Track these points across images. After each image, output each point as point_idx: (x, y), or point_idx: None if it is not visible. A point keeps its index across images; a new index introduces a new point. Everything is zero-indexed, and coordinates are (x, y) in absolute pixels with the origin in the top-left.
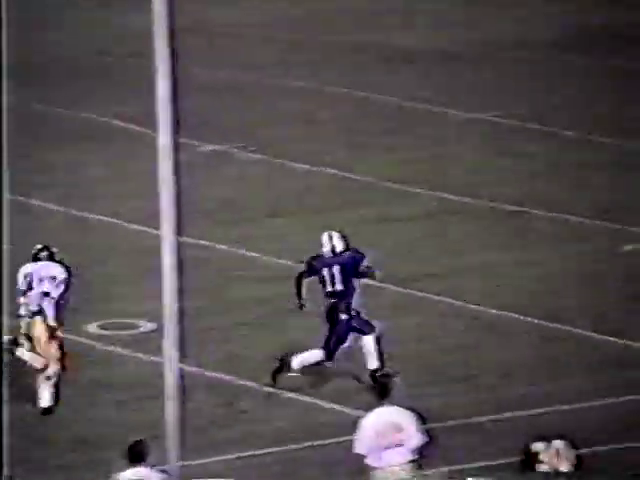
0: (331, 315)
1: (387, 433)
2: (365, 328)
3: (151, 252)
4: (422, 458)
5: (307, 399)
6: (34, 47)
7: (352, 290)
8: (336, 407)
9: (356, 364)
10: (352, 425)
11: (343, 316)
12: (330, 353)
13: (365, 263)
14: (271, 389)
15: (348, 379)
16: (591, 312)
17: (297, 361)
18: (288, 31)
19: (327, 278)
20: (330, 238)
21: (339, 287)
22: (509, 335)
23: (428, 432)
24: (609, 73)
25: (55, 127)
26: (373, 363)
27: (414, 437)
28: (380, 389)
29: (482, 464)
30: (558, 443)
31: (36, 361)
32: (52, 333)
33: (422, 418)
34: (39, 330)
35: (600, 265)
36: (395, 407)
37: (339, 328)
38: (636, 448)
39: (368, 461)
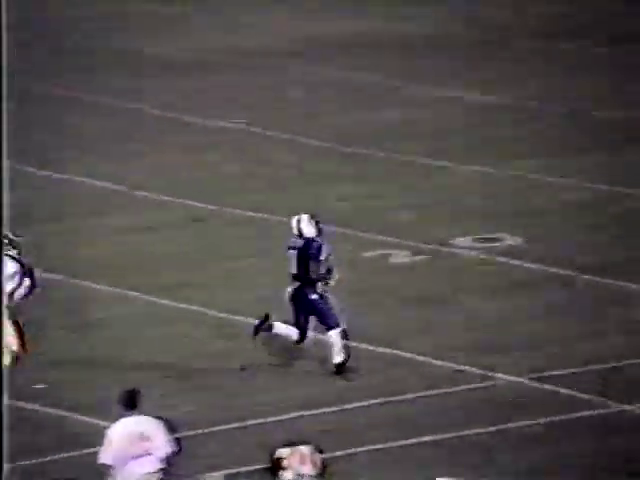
0: (296, 297)
1: (134, 442)
2: (330, 321)
3: None
4: (170, 467)
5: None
6: None
7: (306, 273)
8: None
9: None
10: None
11: (314, 295)
12: (301, 336)
13: (325, 253)
14: None
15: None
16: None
17: (279, 327)
18: None
19: (292, 259)
20: (298, 222)
21: (293, 270)
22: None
23: (178, 440)
24: None
25: None
26: (338, 356)
27: (162, 446)
28: (127, 400)
29: (230, 471)
30: (303, 448)
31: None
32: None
33: (172, 427)
34: None
35: None
36: (143, 416)
37: (307, 309)
38: None
39: (115, 471)
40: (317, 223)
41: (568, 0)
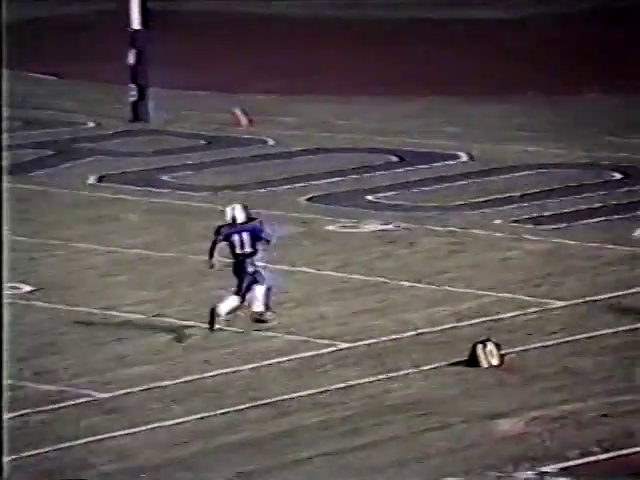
0: (238, 270)
1: None
2: (260, 279)
3: None
4: None
5: None
6: None
7: (257, 251)
8: None
9: None
10: None
11: (250, 269)
12: (243, 298)
13: (266, 230)
14: None
15: None
16: None
17: (223, 308)
18: None
19: (237, 243)
20: (233, 209)
21: (248, 249)
22: None
23: None
24: None
25: None
26: (259, 307)
27: None
28: None
29: None
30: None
31: None
32: None
33: None
34: None
35: None
36: None
37: (248, 278)
38: None
39: None
40: (246, 209)
41: None
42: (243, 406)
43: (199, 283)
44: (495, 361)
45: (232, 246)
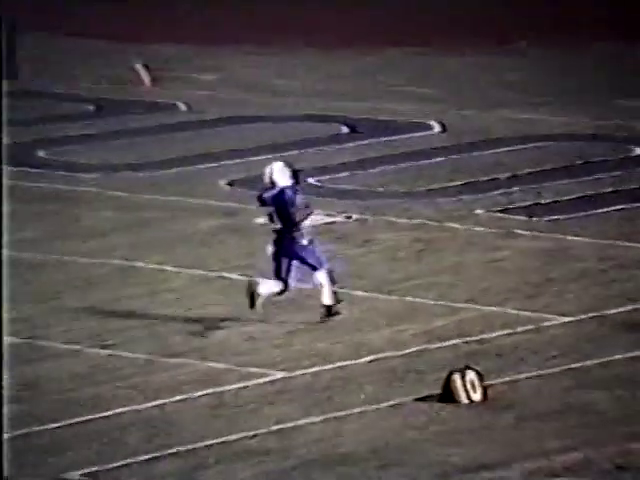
0: (279, 246)
1: None
2: (316, 263)
3: None
4: None
5: None
6: None
7: (294, 222)
8: None
9: None
10: None
11: (304, 241)
12: (285, 283)
13: (299, 200)
14: None
15: None
16: None
17: (264, 287)
18: None
19: (272, 213)
20: (271, 170)
21: (278, 225)
22: None
23: None
24: None
25: None
26: (328, 299)
27: None
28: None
29: None
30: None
31: None
32: None
33: None
34: None
35: None
36: None
37: (294, 255)
38: None
39: None
40: (291, 169)
41: None
42: (146, 456)
43: (88, 292)
44: (477, 395)
45: (270, 217)
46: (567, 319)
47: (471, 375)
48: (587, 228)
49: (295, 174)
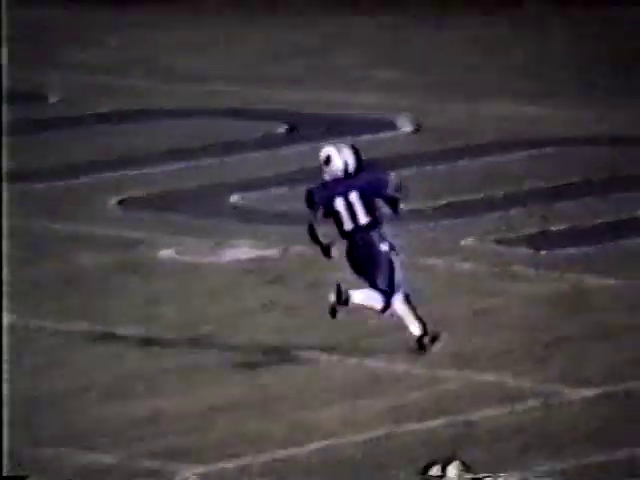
0: (355, 255)
1: None
2: (390, 282)
3: None
4: None
5: None
6: None
7: (380, 220)
8: None
9: None
10: None
11: (383, 247)
12: (387, 301)
13: (392, 184)
14: None
15: None
16: None
17: (358, 297)
18: None
19: (343, 211)
20: (332, 153)
21: (363, 220)
22: None
23: None
24: None
25: None
26: (415, 328)
27: None
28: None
29: None
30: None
31: None
32: None
33: None
34: None
35: None
36: None
37: (382, 263)
38: None
39: None
40: (357, 152)
41: None
42: None
43: None
44: None
45: (337, 219)
46: (586, 392)
47: (454, 470)
48: (613, 266)
49: (360, 159)
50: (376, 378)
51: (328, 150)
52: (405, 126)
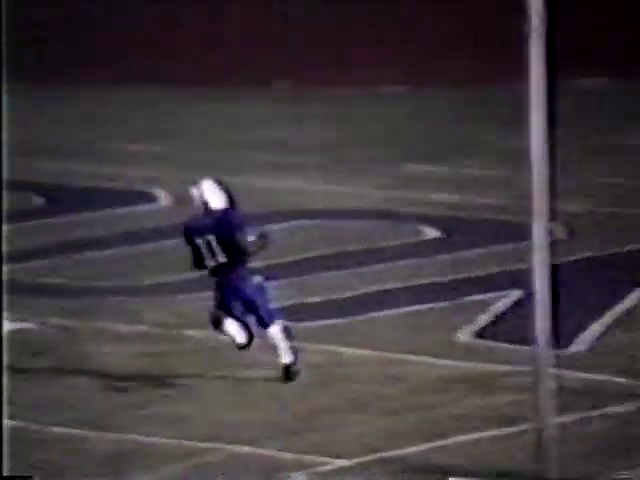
0: (226, 287)
1: None
2: (268, 312)
3: None
4: None
5: None
6: None
7: (242, 258)
8: None
9: None
10: None
11: (256, 279)
12: (249, 335)
13: (252, 232)
14: None
15: None
16: None
17: (231, 326)
18: None
19: (204, 250)
20: (201, 191)
21: (222, 259)
22: None
23: None
24: None
25: None
26: (287, 356)
27: None
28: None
29: None
30: None
31: None
32: None
33: None
34: None
35: None
36: None
37: (243, 297)
38: None
39: None
40: (223, 188)
41: None
42: None
43: None
44: None
45: (197, 257)
46: (342, 462)
47: None
48: (366, 336)
49: (230, 195)
50: (136, 449)
51: (193, 189)
52: None
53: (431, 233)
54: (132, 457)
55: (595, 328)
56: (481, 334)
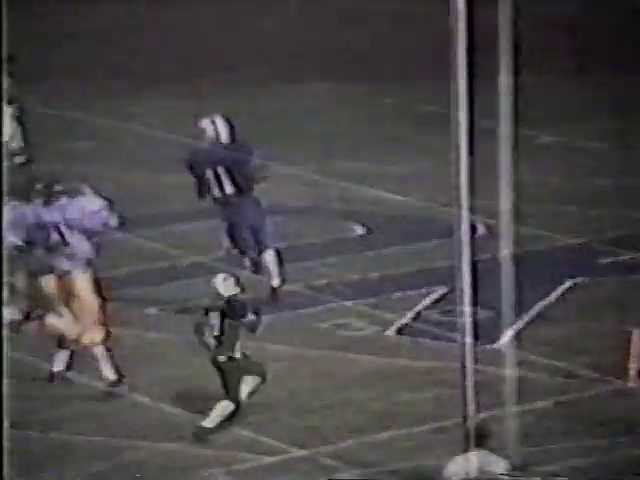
0: (235, 214)
1: None
2: (266, 237)
3: None
4: None
5: None
6: None
7: (249, 186)
8: None
9: None
10: None
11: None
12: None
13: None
14: None
15: None
16: None
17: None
18: None
19: (212, 180)
20: (213, 123)
21: (229, 190)
22: None
23: None
24: None
25: None
26: (275, 280)
27: None
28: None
29: None
30: None
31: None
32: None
33: None
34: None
35: None
36: None
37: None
38: None
39: None
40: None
41: None
42: None
43: None
44: None
45: (201, 189)
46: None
47: None
48: (292, 332)
49: (233, 131)
50: None
51: (204, 122)
52: None
53: (356, 230)
54: None
55: (519, 324)
56: (406, 330)
